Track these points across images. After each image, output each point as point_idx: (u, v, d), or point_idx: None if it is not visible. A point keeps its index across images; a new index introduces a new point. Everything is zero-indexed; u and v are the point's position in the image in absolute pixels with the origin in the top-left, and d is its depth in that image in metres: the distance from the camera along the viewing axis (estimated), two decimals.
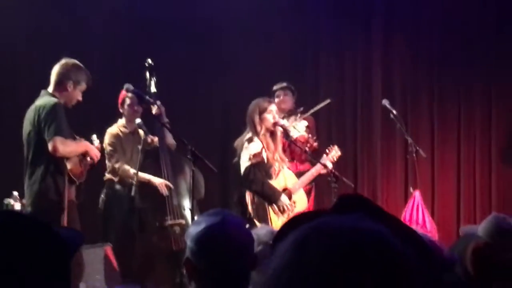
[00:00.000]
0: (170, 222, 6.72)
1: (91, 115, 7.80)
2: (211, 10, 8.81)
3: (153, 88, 6.94)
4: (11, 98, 7.96)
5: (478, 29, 8.74)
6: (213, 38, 8.85)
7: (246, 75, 8.57)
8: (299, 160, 7.58)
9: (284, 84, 7.85)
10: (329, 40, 9.11)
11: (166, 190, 6.74)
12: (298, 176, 7.04)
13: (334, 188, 6.53)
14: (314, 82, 9.09)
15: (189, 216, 6.59)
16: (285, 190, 6.81)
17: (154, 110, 6.77)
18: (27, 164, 6.07)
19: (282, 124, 6.82)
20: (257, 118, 6.67)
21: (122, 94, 7.04)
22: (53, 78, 6.17)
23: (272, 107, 6.76)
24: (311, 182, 7.21)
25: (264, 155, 6.65)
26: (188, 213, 6.71)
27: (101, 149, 6.57)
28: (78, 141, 6.19)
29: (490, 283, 3.12)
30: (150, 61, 6.94)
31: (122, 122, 7.15)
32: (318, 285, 1.10)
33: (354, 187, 8.19)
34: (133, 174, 6.69)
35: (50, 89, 6.17)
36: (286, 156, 7.05)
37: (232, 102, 8.64)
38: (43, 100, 6.08)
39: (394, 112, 7.78)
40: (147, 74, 6.95)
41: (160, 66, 7.13)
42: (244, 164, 6.62)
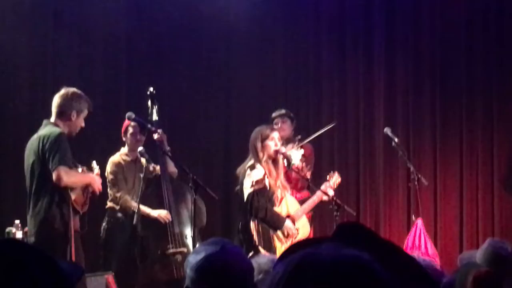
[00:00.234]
0: (171, 251, 6.72)
1: (95, 144, 7.81)
2: (213, 38, 8.86)
3: (155, 116, 6.96)
4: (12, 126, 7.95)
5: (481, 55, 8.77)
6: (215, 66, 8.88)
7: (248, 102, 8.60)
8: (295, 187, 7.57)
9: (282, 111, 7.84)
10: (330, 65, 9.12)
11: (165, 218, 6.75)
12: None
13: (336, 215, 6.52)
14: (317, 110, 9.09)
15: (190, 244, 6.58)
16: (288, 217, 6.80)
17: (156, 138, 6.78)
18: (31, 193, 6.06)
19: (284, 152, 6.83)
20: (259, 145, 6.68)
21: (126, 123, 7.06)
22: (55, 109, 6.18)
23: (274, 135, 6.78)
24: (312, 210, 7.20)
25: (266, 182, 6.66)
26: (189, 241, 6.70)
27: (101, 176, 6.59)
28: (82, 172, 6.20)
29: None
30: (152, 89, 6.96)
31: (124, 150, 7.18)
32: None
33: (357, 215, 8.17)
34: (134, 204, 6.70)
35: (53, 119, 6.18)
36: None
37: (234, 129, 8.66)
38: (47, 130, 6.09)
39: (396, 140, 7.79)
40: (149, 102, 6.97)
41: (162, 94, 7.15)
42: (247, 191, 6.62)
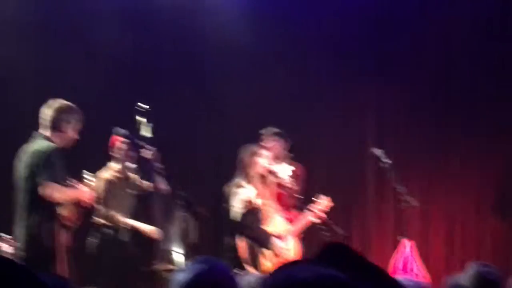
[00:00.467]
0: (159, 267, 6.70)
1: (81, 158, 7.79)
2: (206, 55, 8.88)
3: (145, 132, 6.94)
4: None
5: (474, 82, 8.82)
6: (206, 82, 8.89)
7: (240, 120, 8.60)
8: (284, 206, 7.51)
9: (273, 129, 7.81)
10: (321, 85, 9.13)
11: (157, 236, 6.73)
12: None
13: (325, 236, 6.52)
14: (307, 130, 9.08)
15: (179, 261, 6.57)
16: (277, 236, 6.80)
17: (147, 154, 6.77)
18: (21, 207, 6.04)
19: (273, 170, 6.83)
20: (249, 163, 6.69)
21: (113, 138, 7.04)
22: (47, 122, 6.15)
23: (264, 153, 6.79)
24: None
25: (256, 201, 6.66)
26: (178, 258, 6.68)
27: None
28: (71, 188, 6.16)
29: None
30: (144, 106, 6.94)
31: (114, 166, 7.15)
32: None
33: (345, 236, 8.15)
34: (122, 220, 6.68)
35: (44, 131, 6.15)
36: None
37: (225, 147, 8.65)
38: (39, 144, 6.05)
39: (386, 161, 7.80)
40: (138, 118, 6.95)
41: (154, 111, 7.15)
42: (236, 209, 6.62)
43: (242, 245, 6.59)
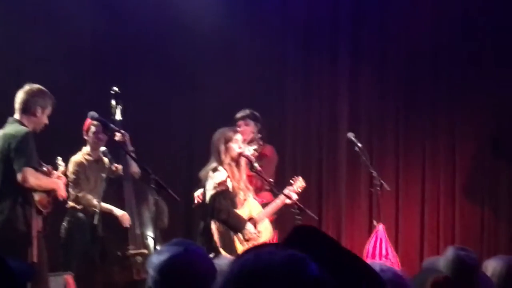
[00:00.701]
0: (132, 252, 6.68)
1: (56, 142, 7.73)
2: (179, 39, 8.83)
3: (118, 115, 6.92)
4: None
5: (447, 64, 8.85)
6: (179, 67, 8.84)
7: (213, 103, 8.57)
8: (257, 190, 7.50)
9: (246, 111, 7.77)
10: (295, 72, 9.14)
11: (127, 222, 6.71)
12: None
13: (298, 219, 6.52)
14: (280, 113, 9.09)
15: (151, 245, 6.55)
16: (250, 219, 6.80)
17: (119, 137, 6.74)
18: None
19: (246, 154, 6.82)
20: (222, 147, 6.67)
21: (88, 122, 7.01)
22: (19, 105, 6.13)
23: (237, 137, 6.77)
24: (275, 213, 7.19)
25: (229, 184, 6.65)
26: (151, 242, 6.66)
27: (65, 173, 6.56)
28: (47, 171, 6.16)
29: None
30: (116, 88, 6.92)
31: (86, 150, 7.12)
32: None
33: (319, 219, 8.18)
34: (95, 203, 6.65)
35: (17, 115, 6.12)
36: None
37: (198, 131, 8.63)
38: (12, 128, 6.03)
39: (359, 145, 7.81)
40: (113, 102, 6.92)
41: (126, 94, 7.12)
42: (209, 193, 6.61)
43: (217, 228, 6.58)
